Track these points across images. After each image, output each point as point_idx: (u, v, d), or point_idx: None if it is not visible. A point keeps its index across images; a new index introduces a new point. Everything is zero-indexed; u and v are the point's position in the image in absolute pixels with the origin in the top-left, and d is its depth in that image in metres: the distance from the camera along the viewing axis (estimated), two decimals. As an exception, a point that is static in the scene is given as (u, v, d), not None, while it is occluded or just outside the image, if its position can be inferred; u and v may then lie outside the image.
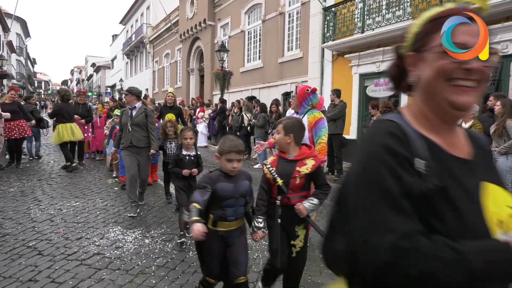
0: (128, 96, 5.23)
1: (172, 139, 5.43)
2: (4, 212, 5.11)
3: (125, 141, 5.13)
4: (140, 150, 5.18)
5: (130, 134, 5.09)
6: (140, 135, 5.15)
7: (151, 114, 5.34)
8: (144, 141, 5.19)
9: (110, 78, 50.25)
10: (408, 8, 8.68)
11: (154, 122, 5.31)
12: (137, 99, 5.27)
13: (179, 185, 4.26)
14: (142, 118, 5.18)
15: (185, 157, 4.30)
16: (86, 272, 3.37)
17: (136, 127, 5.14)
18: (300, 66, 13.17)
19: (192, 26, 21.49)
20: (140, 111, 5.22)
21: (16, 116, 8.15)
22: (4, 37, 31.88)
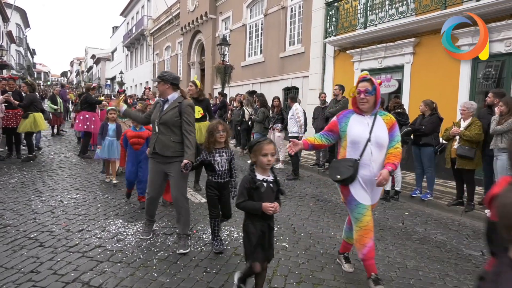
0: (160, 84, 3.82)
1: (222, 149, 3.78)
2: (5, 203, 5.11)
3: (150, 145, 3.89)
4: (168, 160, 3.77)
5: (155, 136, 3.81)
6: (167, 139, 3.72)
7: (188, 111, 3.75)
8: (173, 149, 3.73)
9: (110, 70, 50.08)
10: (412, 4, 8.63)
11: (191, 122, 3.77)
12: (172, 88, 3.84)
13: (252, 228, 2.72)
14: (173, 115, 3.70)
15: (262, 184, 2.76)
16: (87, 264, 3.38)
17: (164, 127, 3.73)
18: (301, 61, 13.13)
19: (193, 19, 21.38)
20: (173, 105, 3.75)
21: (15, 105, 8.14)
22: (3, 27, 31.68)
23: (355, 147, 3.08)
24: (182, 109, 3.72)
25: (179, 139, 3.73)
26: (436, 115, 6.21)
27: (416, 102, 7.69)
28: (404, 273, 3.55)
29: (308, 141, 3.26)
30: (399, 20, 8.77)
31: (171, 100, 3.81)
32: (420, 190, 6.49)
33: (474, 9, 7.20)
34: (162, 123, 3.73)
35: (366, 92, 3.06)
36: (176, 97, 3.82)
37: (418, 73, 8.77)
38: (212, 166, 3.72)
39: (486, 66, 7.51)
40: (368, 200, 3.11)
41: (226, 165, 3.75)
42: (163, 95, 3.85)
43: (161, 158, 3.78)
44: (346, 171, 3.04)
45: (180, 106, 3.73)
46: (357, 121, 3.14)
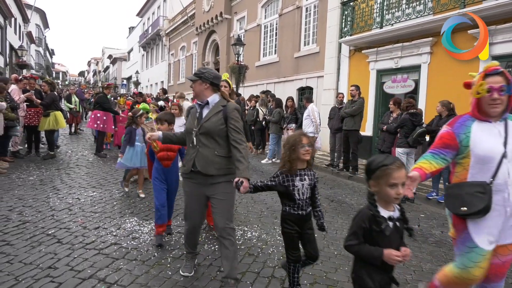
0: (196, 84, 3.01)
1: (305, 171, 2.80)
2: (24, 200, 5.23)
3: (186, 162, 3.03)
4: (212, 180, 2.94)
5: (194, 151, 2.96)
6: (210, 153, 2.91)
7: (236, 116, 2.96)
8: (218, 165, 2.92)
9: (126, 70, 50.77)
10: (429, 3, 8.50)
11: (241, 129, 2.95)
12: (211, 89, 3.03)
13: (369, 283, 1.96)
14: (217, 123, 2.91)
15: (388, 225, 1.96)
16: (104, 261, 3.44)
17: (206, 138, 2.93)
18: (316, 61, 13.06)
19: (209, 19, 21.50)
20: (215, 110, 2.97)
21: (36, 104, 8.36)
22: (24, 28, 32.44)
23: (484, 166, 2.22)
24: (228, 114, 2.92)
25: (226, 152, 2.93)
26: (453, 116, 6.09)
27: (433, 102, 7.56)
28: (420, 276, 3.50)
29: (423, 169, 2.28)
30: (416, 19, 8.64)
31: (212, 103, 2.99)
32: (437, 192, 6.38)
33: (494, 8, 7.05)
34: (203, 133, 2.91)
35: (501, 90, 2.21)
36: (217, 100, 3.02)
37: (436, 73, 8.63)
38: (290, 195, 2.75)
39: (506, 66, 7.35)
40: (492, 242, 2.22)
41: (308, 192, 2.79)
42: (201, 97, 3.02)
43: (202, 178, 2.94)
44: (475, 200, 2.18)
45: (225, 110, 2.93)
46: (484, 130, 2.30)
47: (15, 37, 28.21)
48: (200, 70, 3.04)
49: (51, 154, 8.59)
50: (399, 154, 6.35)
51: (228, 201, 2.99)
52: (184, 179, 3.08)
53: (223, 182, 2.95)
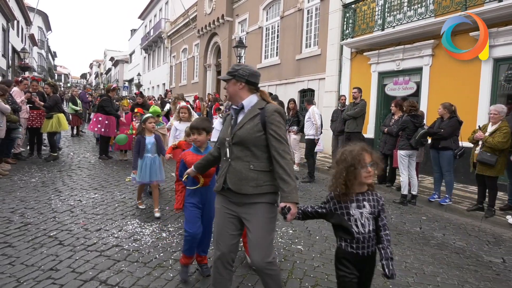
0: (230, 84, 2.51)
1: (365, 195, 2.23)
2: (26, 202, 5.24)
3: (219, 177, 2.55)
4: (246, 200, 2.40)
5: (226, 164, 2.47)
6: (245, 167, 2.37)
7: (276, 120, 2.36)
8: (255, 182, 2.36)
9: (128, 72, 50.89)
10: (431, 5, 8.51)
11: (284, 137, 2.36)
12: (248, 89, 2.49)
13: None
14: (254, 130, 2.37)
15: None
16: (105, 263, 3.44)
17: (240, 149, 2.41)
18: (318, 64, 13.07)
19: (210, 22, 21.54)
20: (251, 114, 2.43)
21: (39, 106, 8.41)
22: (26, 30, 32.58)
23: None
24: (267, 117, 2.35)
25: (265, 165, 2.36)
26: (455, 118, 6.09)
27: (435, 105, 7.56)
28: (422, 279, 3.49)
29: None
30: (418, 21, 8.64)
31: (247, 106, 2.45)
32: (439, 195, 6.37)
33: (495, 10, 7.05)
34: (236, 142, 2.38)
35: None
36: (254, 102, 2.46)
37: (437, 76, 8.63)
38: (345, 227, 2.14)
39: (508, 68, 7.34)
40: None
41: (371, 223, 2.14)
42: (235, 99, 2.50)
43: (236, 196, 2.40)
44: None
45: (263, 113, 2.36)
46: None
47: (17, 39, 28.33)
48: (233, 67, 2.53)
49: (53, 156, 8.62)
50: (401, 157, 6.34)
51: (267, 229, 2.37)
52: (217, 194, 2.58)
53: (262, 203, 2.36)
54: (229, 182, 2.39)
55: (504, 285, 3.51)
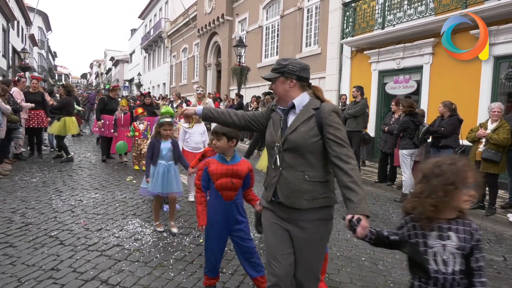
0: (278, 82, 2.16)
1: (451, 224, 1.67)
2: (27, 202, 5.24)
3: (267, 188, 2.22)
4: (300, 216, 2.09)
5: (276, 173, 2.13)
6: (298, 178, 2.06)
7: (335, 121, 2.06)
8: (310, 194, 2.06)
9: (128, 72, 50.89)
10: (431, 3, 8.49)
11: (345, 140, 2.04)
12: (299, 86, 2.15)
13: None
14: (309, 133, 2.05)
15: None
16: (106, 262, 3.44)
17: (293, 156, 2.08)
18: (318, 62, 13.06)
19: (210, 21, 21.53)
20: (305, 115, 2.10)
21: (37, 106, 8.37)
22: (26, 31, 32.58)
23: None
24: (324, 119, 2.03)
25: (322, 175, 2.06)
26: (455, 116, 6.08)
27: (435, 103, 7.55)
28: (423, 277, 3.48)
29: None
30: (418, 20, 8.63)
31: (299, 106, 2.12)
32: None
33: (496, 8, 7.03)
34: (288, 148, 2.05)
35: None
36: (307, 101, 2.13)
37: (438, 74, 8.62)
38: (421, 263, 1.68)
39: (508, 66, 7.33)
40: None
41: (458, 262, 1.63)
42: (285, 99, 2.14)
43: (286, 211, 2.09)
44: None
45: (319, 114, 2.05)
46: None
47: (17, 39, 28.33)
48: (280, 63, 2.15)
49: (68, 158, 8.59)
50: (403, 156, 6.32)
51: (319, 248, 2.13)
52: (264, 209, 2.25)
53: (316, 219, 2.07)
54: (280, 194, 2.07)
55: (505, 283, 3.51)
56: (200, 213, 2.76)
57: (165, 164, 4.27)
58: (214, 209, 2.76)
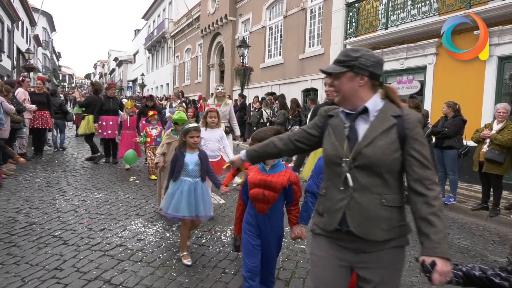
0: (343, 80, 1.71)
1: None
2: (31, 202, 5.27)
3: (329, 213, 1.77)
4: (371, 248, 1.70)
5: (345, 196, 1.70)
6: (374, 202, 1.65)
7: (420, 135, 1.65)
8: (387, 223, 1.67)
9: (132, 72, 51.05)
10: (435, 3, 8.46)
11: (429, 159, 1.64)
12: (371, 85, 1.71)
13: None
14: (390, 148, 1.63)
15: None
16: (109, 262, 3.45)
17: (367, 174, 1.66)
18: (321, 63, 13.03)
19: (213, 22, 21.56)
20: (384, 125, 1.67)
21: (42, 107, 8.44)
22: (31, 31, 32.75)
23: None
24: (408, 131, 1.64)
25: (399, 199, 1.70)
26: (459, 117, 6.06)
27: (439, 103, 7.53)
28: (426, 279, 3.46)
29: None
30: (422, 20, 8.60)
31: (373, 111, 1.70)
32: (443, 194, 6.34)
33: (500, 9, 7.00)
34: (363, 165, 1.66)
35: None
36: (381, 105, 1.72)
37: (441, 74, 8.59)
38: None
39: (513, 67, 7.30)
40: None
41: None
42: (352, 101, 1.72)
43: (354, 243, 1.72)
44: None
45: (401, 124, 1.65)
46: None
47: (22, 40, 28.50)
48: (347, 54, 1.71)
49: (100, 156, 8.66)
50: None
51: (396, 280, 1.78)
52: (318, 236, 1.84)
53: (389, 249, 1.71)
54: (351, 223, 1.67)
55: (509, 285, 3.49)
56: (235, 220, 2.78)
57: (190, 181, 3.53)
58: (248, 220, 2.63)
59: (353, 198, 1.67)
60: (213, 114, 4.96)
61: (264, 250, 2.61)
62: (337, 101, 1.80)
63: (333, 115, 1.85)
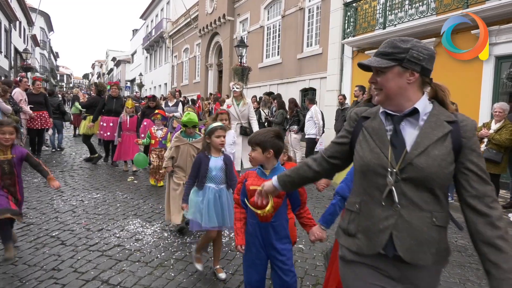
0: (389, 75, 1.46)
1: None
2: (29, 202, 5.25)
3: (369, 233, 1.48)
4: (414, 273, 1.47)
5: (390, 214, 1.43)
6: (425, 221, 1.42)
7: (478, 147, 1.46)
8: (436, 246, 1.44)
9: (130, 72, 50.98)
10: (432, 3, 8.48)
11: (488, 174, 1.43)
12: (420, 83, 1.48)
13: None
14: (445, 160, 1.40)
15: None
16: (107, 263, 3.45)
17: (416, 189, 1.41)
18: (319, 62, 13.06)
19: (212, 21, 21.55)
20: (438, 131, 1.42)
21: (40, 107, 8.43)
22: (28, 31, 32.68)
23: None
24: (465, 140, 1.43)
25: (447, 217, 1.52)
26: (457, 116, 6.07)
27: (436, 103, 7.54)
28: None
29: None
30: (419, 19, 8.62)
31: (422, 114, 1.48)
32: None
33: (497, 8, 7.02)
34: (413, 178, 1.42)
35: None
36: (430, 108, 1.50)
37: (439, 74, 8.50)
38: None
39: (510, 66, 7.32)
40: None
41: None
42: (395, 100, 1.48)
43: (400, 269, 1.48)
44: None
45: (458, 131, 1.44)
46: None
47: (19, 40, 28.43)
48: (397, 45, 1.47)
49: (96, 157, 8.58)
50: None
51: None
52: (352, 264, 1.55)
53: (430, 271, 1.50)
54: (400, 246, 1.41)
55: (506, 284, 3.50)
56: (238, 231, 2.38)
57: (215, 188, 3.19)
58: (249, 230, 2.36)
59: (401, 216, 1.42)
60: (223, 116, 4.47)
61: (275, 264, 2.31)
62: (378, 100, 1.52)
63: (368, 116, 1.57)
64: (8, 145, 3.48)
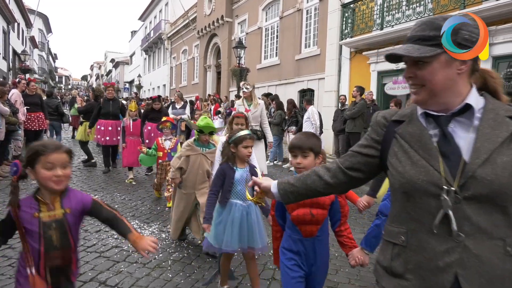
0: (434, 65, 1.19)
1: None
2: (26, 204, 5.25)
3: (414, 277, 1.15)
4: None
5: (450, 245, 1.08)
6: (498, 251, 1.07)
7: None
8: (510, 277, 1.07)
9: (128, 73, 51.01)
10: (429, 4, 8.51)
11: None
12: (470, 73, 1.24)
13: None
14: None
15: None
16: (104, 264, 3.45)
17: (482, 210, 1.07)
18: (317, 63, 13.08)
19: (210, 23, 21.58)
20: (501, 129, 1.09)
21: (36, 108, 8.38)
22: (27, 33, 32.68)
23: None
24: None
25: None
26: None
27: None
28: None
29: None
30: (417, 20, 8.63)
31: (478, 110, 1.16)
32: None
33: (494, 9, 7.06)
34: (477, 196, 1.07)
35: None
36: (483, 102, 1.19)
37: (437, 74, 8.62)
38: None
39: (507, 66, 7.35)
40: None
41: None
42: (442, 97, 1.17)
43: None
44: None
45: None
46: None
47: (18, 41, 28.42)
48: (437, 24, 1.25)
49: (92, 163, 8.53)
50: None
51: None
52: None
53: None
54: (466, 281, 1.08)
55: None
56: (275, 251, 2.23)
57: (242, 205, 2.78)
58: (290, 245, 2.11)
59: (466, 248, 1.07)
60: (240, 120, 3.70)
61: (311, 280, 2.13)
62: (419, 100, 1.21)
63: (402, 120, 1.26)
64: (59, 189, 1.83)
